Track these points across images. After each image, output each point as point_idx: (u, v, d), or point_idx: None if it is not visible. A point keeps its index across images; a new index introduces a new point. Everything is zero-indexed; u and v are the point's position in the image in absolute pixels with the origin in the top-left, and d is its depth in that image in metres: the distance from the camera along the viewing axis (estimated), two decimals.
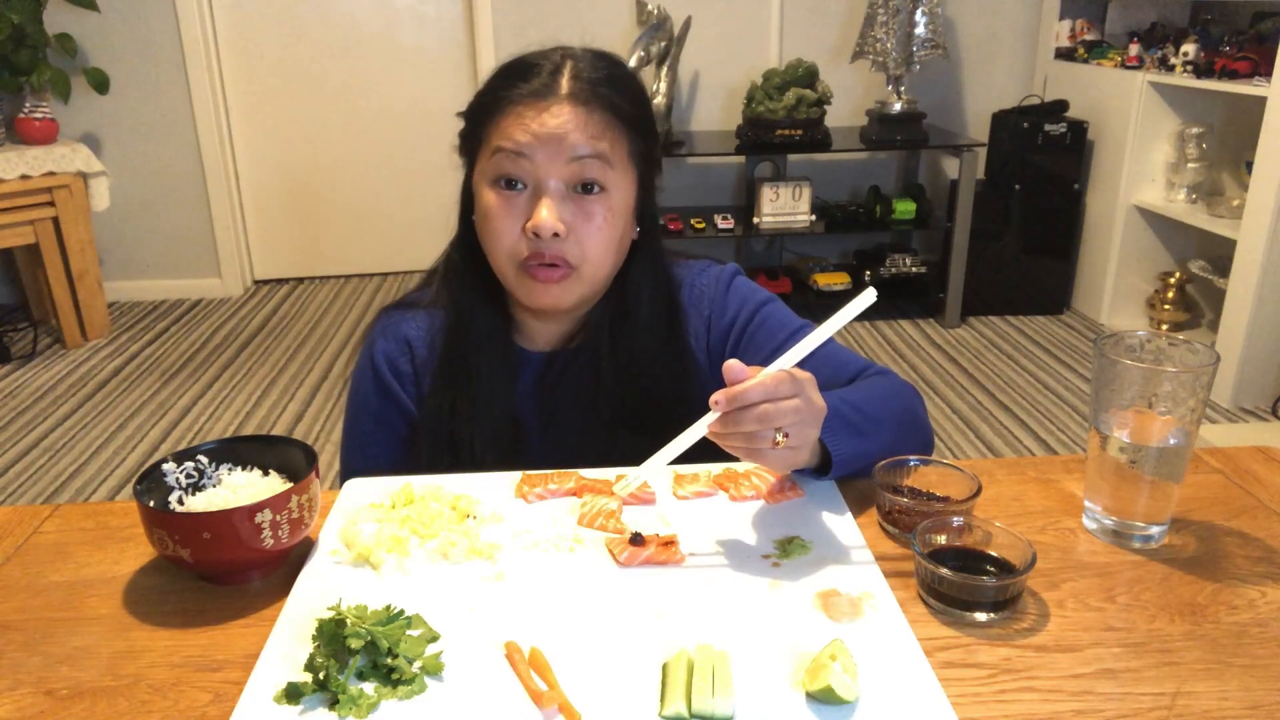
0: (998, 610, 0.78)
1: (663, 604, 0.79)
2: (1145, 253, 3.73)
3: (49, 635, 0.79)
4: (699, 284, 1.15)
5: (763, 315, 1.13)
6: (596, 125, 1.00)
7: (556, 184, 1.00)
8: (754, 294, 1.15)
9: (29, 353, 3.66)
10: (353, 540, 0.87)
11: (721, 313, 1.14)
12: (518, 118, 0.99)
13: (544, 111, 0.99)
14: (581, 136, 0.99)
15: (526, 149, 0.99)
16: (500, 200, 1.01)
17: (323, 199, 4.37)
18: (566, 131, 0.98)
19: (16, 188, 3.42)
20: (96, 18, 3.82)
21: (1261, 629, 0.77)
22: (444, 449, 1.09)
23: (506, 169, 1.00)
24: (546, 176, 0.99)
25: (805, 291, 4.00)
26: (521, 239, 1.01)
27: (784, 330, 1.11)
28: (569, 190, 1.01)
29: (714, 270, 1.17)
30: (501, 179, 1.01)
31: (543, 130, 0.98)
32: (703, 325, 1.14)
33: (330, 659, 0.71)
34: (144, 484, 0.85)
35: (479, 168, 1.04)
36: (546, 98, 0.99)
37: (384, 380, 1.12)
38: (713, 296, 1.15)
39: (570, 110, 0.99)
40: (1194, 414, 0.83)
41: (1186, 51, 3.36)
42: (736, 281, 1.16)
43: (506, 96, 1.01)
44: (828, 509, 0.93)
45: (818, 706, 0.67)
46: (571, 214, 1.00)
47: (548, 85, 1.00)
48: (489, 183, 1.02)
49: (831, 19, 4.11)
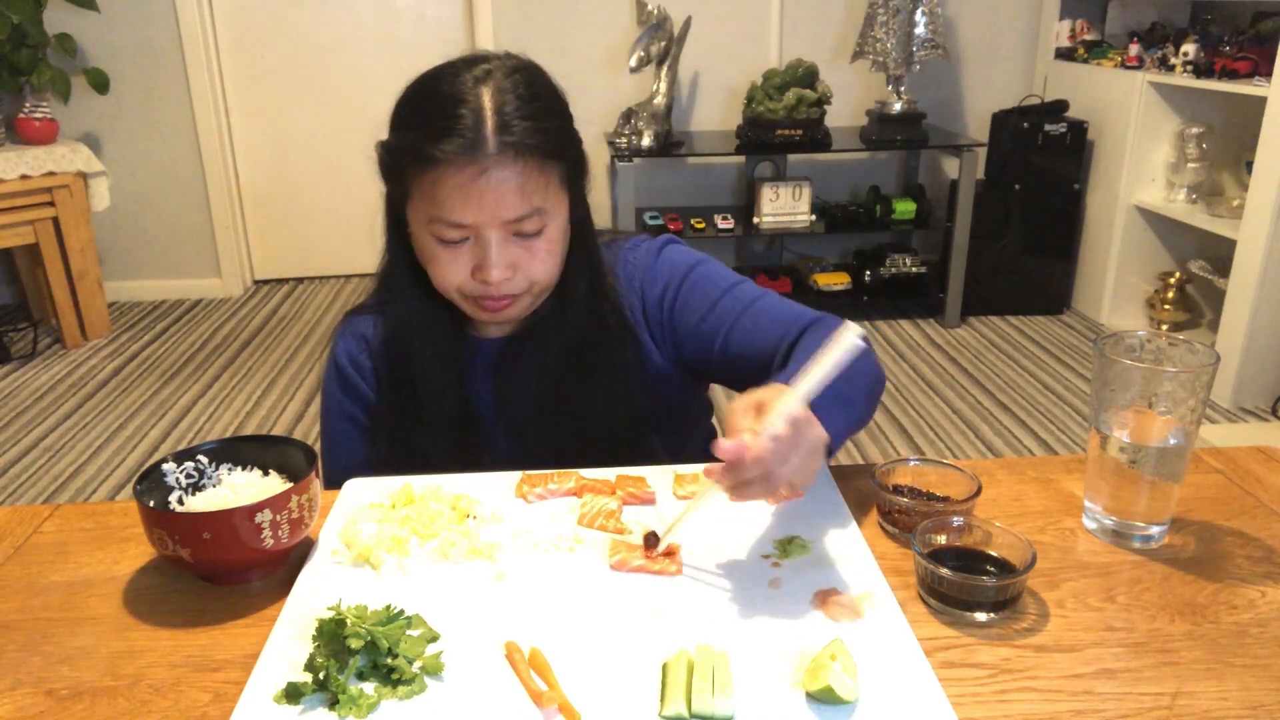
0: (998, 610, 0.78)
1: (663, 604, 0.79)
2: (1145, 253, 3.73)
3: (49, 635, 0.79)
4: (630, 259, 1.16)
5: (692, 279, 1.13)
6: (530, 178, 0.98)
7: (497, 235, 0.99)
8: (684, 259, 1.15)
9: (29, 353, 3.66)
10: (353, 540, 0.87)
11: (652, 283, 1.14)
12: (449, 186, 0.97)
13: (476, 176, 0.96)
14: (517, 197, 0.98)
15: (464, 219, 0.98)
16: (443, 253, 1.01)
17: (323, 199, 4.37)
18: (501, 195, 0.97)
19: (16, 188, 3.42)
20: (96, 18, 3.82)
21: (1261, 629, 0.77)
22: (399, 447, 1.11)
23: (446, 234, 1.00)
24: (487, 232, 0.99)
25: (805, 291, 4.00)
26: (469, 280, 1.02)
27: (716, 289, 1.11)
28: (509, 235, 1.00)
29: (646, 244, 1.17)
30: (446, 239, 1.00)
31: (479, 199, 0.97)
32: (637, 299, 1.14)
33: (330, 659, 0.71)
34: (144, 484, 0.85)
35: (413, 214, 1.03)
36: (475, 158, 0.96)
37: (346, 375, 1.15)
38: (644, 269, 1.15)
39: (502, 170, 0.96)
40: (1194, 414, 0.83)
41: (1186, 51, 3.35)
42: (666, 251, 1.16)
43: (430, 155, 0.96)
44: (828, 509, 0.93)
45: (818, 706, 0.67)
46: (514, 255, 1.01)
47: (474, 143, 0.96)
48: (428, 235, 1.01)
49: (831, 19, 4.11)
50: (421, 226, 1.02)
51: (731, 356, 1.10)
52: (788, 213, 3.86)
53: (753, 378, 1.09)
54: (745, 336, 1.09)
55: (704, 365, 1.13)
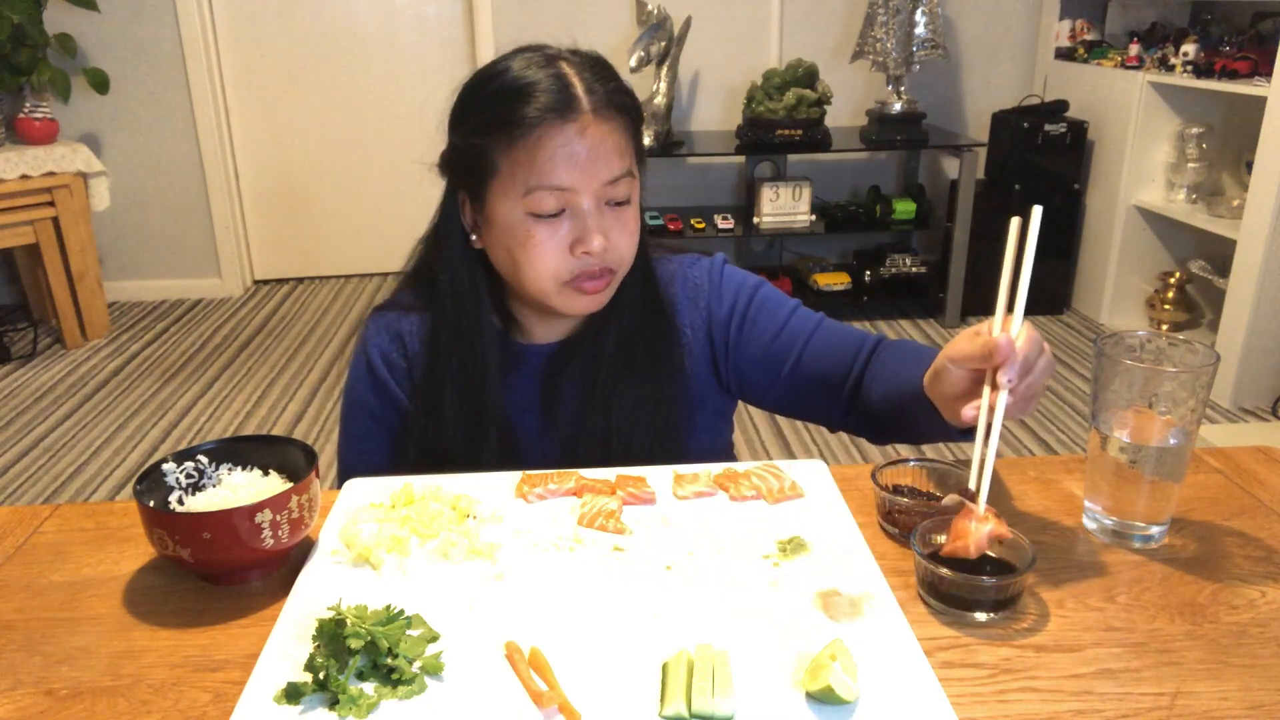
0: (998, 610, 0.78)
1: (662, 604, 0.79)
2: (1145, 253, 3.73)
3: (49, 635, 0.79)
4: (691, 276, 1.16)
5: (759, 299, 1.15)
6: (621, 138, 1.00)
7: (591, 202, 1.00)
8: (746, 280, 1.17)
9: (29, 353, 3.66)
10: (353, 540, 0.87)
11: (719, 302, 1.15)
12: (551, 147, 0.97)
13: (575, 135, 0.97)
14: (613, 157, 0.99)
15: (565, 181, 0.97)
16: (541, 229, 1.00)
17: (323, 199, 4.37)
18: (601, 154, 0.98)
19: (16, 188, 3.42)
20: (96, 18, 3.82)
21: (1261, 629, 0.77)
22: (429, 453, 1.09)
23: (547, 204, 0.98)
24: (583, 199, 0.99)
25: (805, 291, 4.00)
26: (567, 259, 1.01)
27: (783, 310, 1.14)
28: (601, 204, 1.01)
29: (704, 262, 1.17)
30: (543, 212, 0.99)
31: (580, 157, 0.97)
32: (700, 316, 1.15)
33: (330, 659, 0.71)
34: (144, 484, 0.85)
35: (501, 195, 1.01)
36: (571, 117, 0.97)
37: (380, 376, 1.12)
38: (709, 288, 1.15)
39: (598, 127, 0.98)
40: (1194, 414, 0.83)
41: (1186, 51, 3.35)
42: (727, 270, 1.17)
43: (525, 121, 0.96)
44: (828, 509, 0.93)
45: (818, 706, 0.67)
46: (607, 224, 1.01)
47: (567, 102, 0.97)
48: (523, 214, 1.00)
49: (831, 19, 4.11)
50: (514, 206, 1.00)
51: (802, 376, 1.11)
52: (788, 213, 3.86)
53: (819, 399, 1.12)
54: (819, 356, 1.10)
55: (767, 386, 1.14)
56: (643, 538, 0.89)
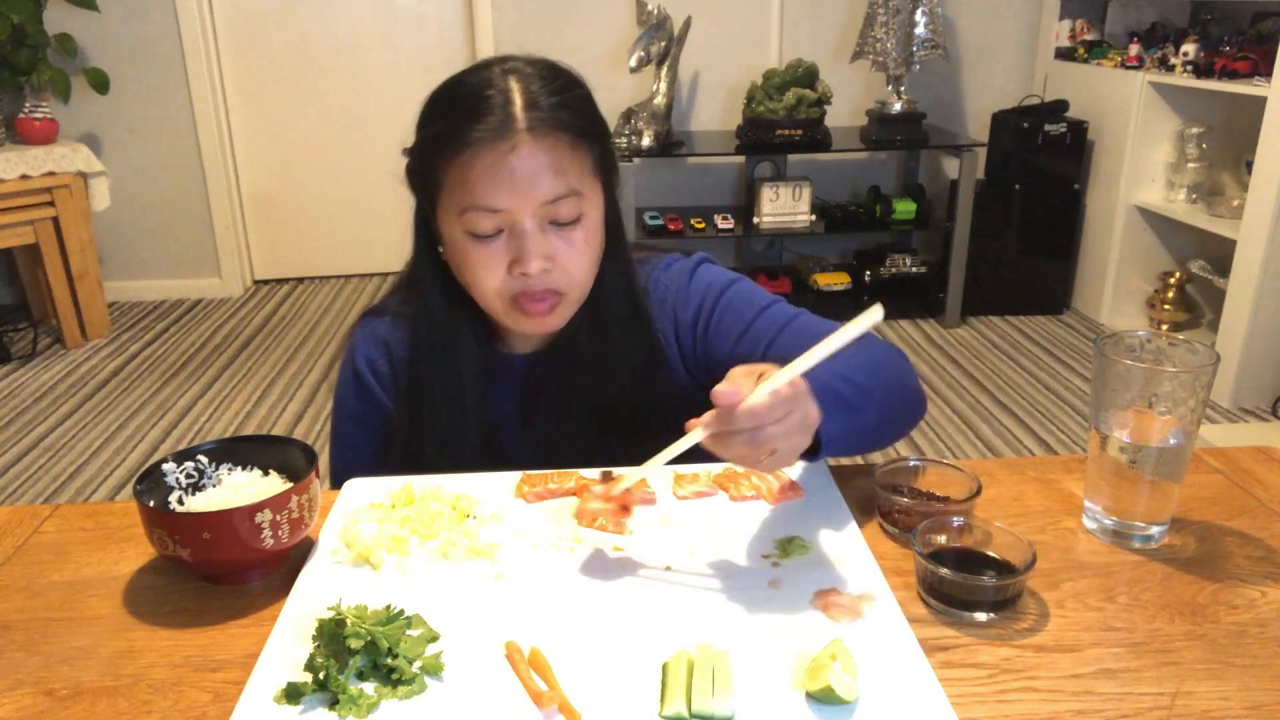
0: (998, 610, 0.78)
1: (662, 604, 0.79)
2: (1145, 253, 3.73)
3: (49, 635, 0.79)
4: (663, 280, 1.12)
5: (726, 300, 1.09)
6: (563, 156, 0.96)
7: (533, 223, 0.97)
8: (717, 280, 1.11)
9: (29, 353, 3.66)
10: (353, 540, 0.87)
11: (685, 305, 1.11)
12: (481, 168, 0.94)
13: (507, 155, 0.94)
14: (551, 176, 0.95)
15: (498, 203, 0.95)
16: (478, 250, 0.98)
17: (323, 199, 4.37)
18: (535, 174, 0.94)
19: (16, 188, 3.42)
20: (96, 18, 3.82)
21: (1261, 629, 0.77)
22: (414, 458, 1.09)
23: (481, 225, 0.96)
24: (523, 219, 0.96)
25: (805, 291, 4.00)
26: (507, 278, 0.99)
27: (751, 309, 1.07)
28: (545, 224, 0.98)
29: (679, 264, 1.14)
30: (478, 233, 0.97)
31: (511, 178, 0.94)
32: (669, 322, 1.12)
33: (330, 659, 0.71)
34: (144, 484, 0.85)
35: (444, 211, 1.00)
36: (505, 136, 0.94)
37: (365, 383, 1.13)
38: (676, 291, 1.12)
39: (533, 146, 0.94)
40: (1194, 414, 0.83)
41: (1186, 51, 3.36)
42: (699, 271, 1.13)
43: (461, 139, 0.94)
44: (828, 509, 0.93)
45: (818, 706, 0.67)
46: (553, 245, 0.98)
47: (503, 121, 0.94)
48: (461, 233, 0.98)
49: (831, 19, 4.11)
50: (454, 224, 0.98)
51: None
52: (788, 213, 3.86)
53: None
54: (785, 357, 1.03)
55: None
56: (643, 538, 0.89)
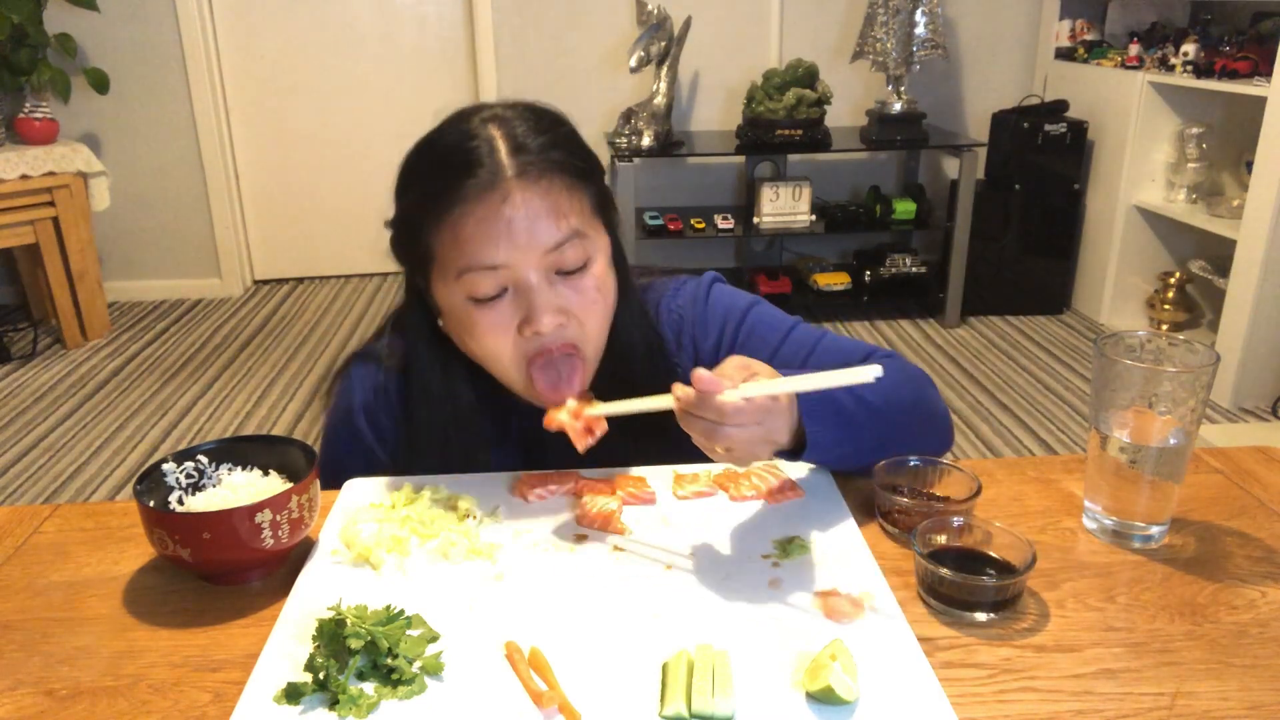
0: (998, 610, 0.78)
1: (662, 604, 0.79)
2: (1145, 253, 3.73)
3: (49, 635, 0.79)
4: (674, 306, 1.08)
5: (749, 325, 1.06)
6: (559, 199, 0.90)
7: (538, 276, 0.90)
8: (735, 303, 1.07)
9: (29, 353, 3.66)
10: (353, 540, 0.87)
11: (705, 332, 1.06)
12: (474, 224, 0.88)
13: (500, 206, 0.88)
14: (549, 221, 0.89)
15: (496, 259, 0.88)
16: (482, 314, 0.91)
17: (323, 199, 4.37)
18: (532, 221, 0.88)
19: (16, 188, 3.42)
20: (96, 18, 3.82)
21: (1261, 629, 0.77)
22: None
23: (482, 286, 0.90)
24: (526, 273, 0.90)
25: (805, 291, 4.00)
26: (519, 342, 0.92)
27: (776, 334, 1.04)
28: (551, 275, 0.91)
29: (689, 287, 1.09)
30: (481, 296, 0.91)
31: (508, 230, 0.88)
32: (688, 350, 1.07)
33: (330, 659, 0.71)
34: (144, 484, 0.85)
35: (439, 280, 0.93)
36: (495, 186, 0.88)
37: (357, 428, 1.06)
38: (693, 317, 1.07)
39: (526, 193, 0.88)
40: (1194, 414, 0.83)
41: (1186, 51, 3.36)
42: (714, 294, 1.08)
43: (447, 198, 0.88)
44: (828, 509, 0.93)
45: (818, 706, 0.67)
46: (564, 297, 0.92)
47: (491, 172, 0.88)
48: (462, 299, 0.91)
49: (831, 19, 4.11)
50: (452, 290, 0.91)
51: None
52: (788, 213, 3.86)
53: None
54: None
55: None
56: (643, 538, 0.89)
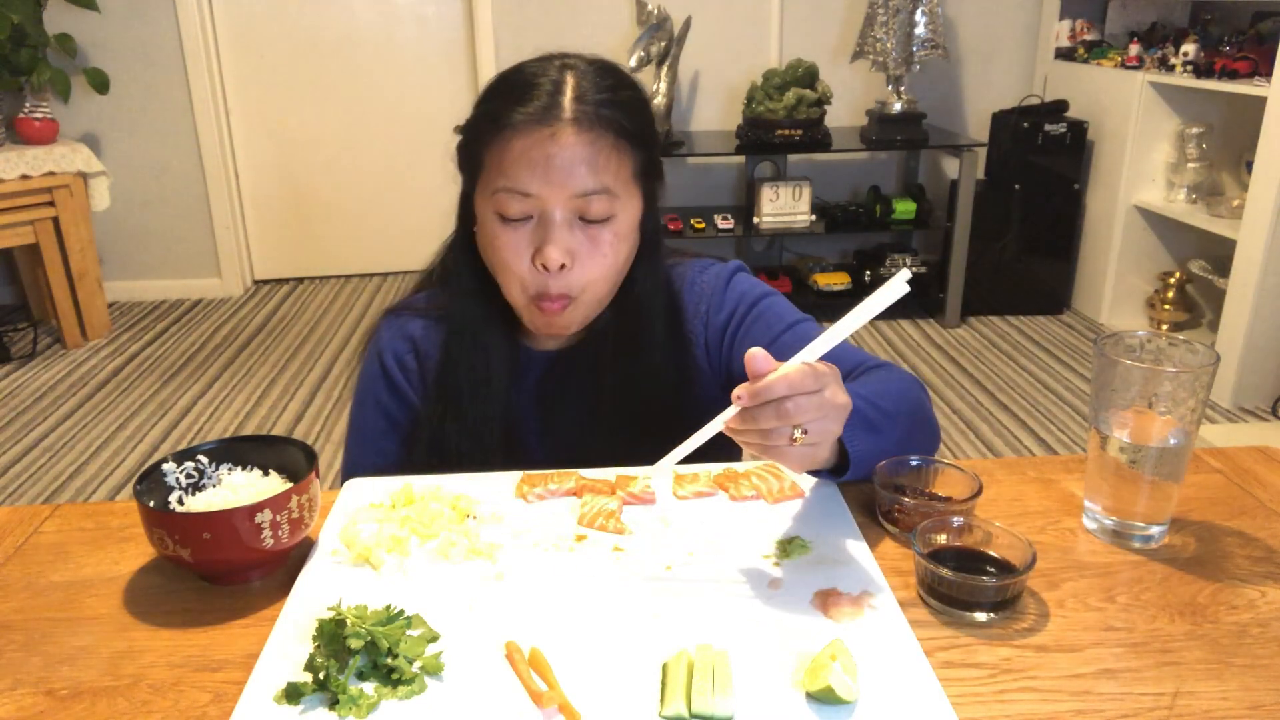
0: (998, 610, 0.78)
1: (662, 604, 0.79)
2: (1145, 253, 3.73)
3: (49, 635, 0.79)
4: (699, 281, 1.14)
5: (759, 309, 1.11)
6: (601, 152, 0.96)
7: (562, 214, 0.97)
8: (753, 289, 1.13)
9: (29, 353, 3.66)
10: (353, 540, 0.87)
11: (718, 309, 1.12)
12: (520, 150, 0.95)
13: (547, 140, 0.95)
14: (586, 170, 0.96)
15: (530, 187, 0.96)
16: (506, 233, 0.99)
17: (323, 199, 4.37)
18: (571, 164, 0.95)
19: (16, 188, 3.42)
20: (96, 18, 3.82)
21: (1261, 629, 0.77)
22: (436, 453, 1.09)
23: (511, 208, 0.97)
24: (552, 208, 0.97)
25: (805, 291, 4.00)
26: (530, 270, 0.99)
27: (781, 323, 1.09)
28: (574, 218, 0.98)
29: (715, 268, 1.15)
30: (508, 215, 0.98)
31: (546, 164, 0.95)
32: (700, 323, 1.13)
33: (330, 659, 0.71)
34: (144, 484, 0.85)
35: (480, 191, 1.01)
36: (548, 122, 0.95)
37: (394, 378, 1.13)
38: (711, 294, 1.13)
39: (574, 137, 0.95)
40: (1194, 414, 0.83)
41: (1186, 51, 3.36)
42: (737, 278, 1.14)
43: (506, 120, 0.96)
44: (828, 509, 0.93)
45: (818, 706, 0.67)
46: (577, 241, 0.98)
47: (548, 108, 0.95)
48: (492, 214, 0.99)
49: (831, 19, 4.11)
50: (487, 204, 0.99)
51: None
52: (788, 213, 3.86)
53: None
54: None
55: None
56: (643, 538, 0.89)
